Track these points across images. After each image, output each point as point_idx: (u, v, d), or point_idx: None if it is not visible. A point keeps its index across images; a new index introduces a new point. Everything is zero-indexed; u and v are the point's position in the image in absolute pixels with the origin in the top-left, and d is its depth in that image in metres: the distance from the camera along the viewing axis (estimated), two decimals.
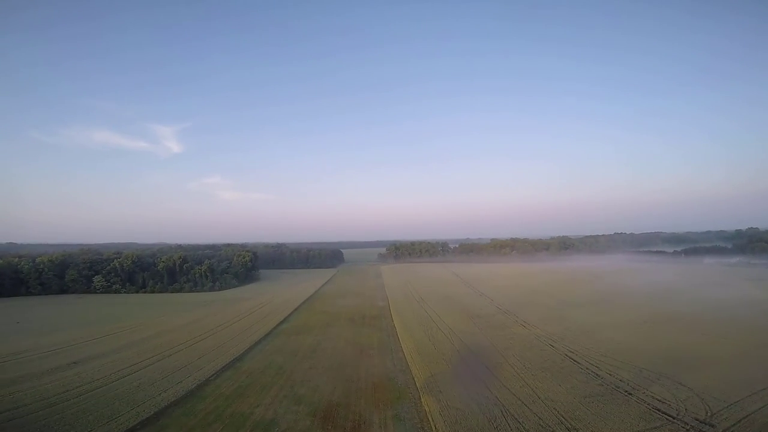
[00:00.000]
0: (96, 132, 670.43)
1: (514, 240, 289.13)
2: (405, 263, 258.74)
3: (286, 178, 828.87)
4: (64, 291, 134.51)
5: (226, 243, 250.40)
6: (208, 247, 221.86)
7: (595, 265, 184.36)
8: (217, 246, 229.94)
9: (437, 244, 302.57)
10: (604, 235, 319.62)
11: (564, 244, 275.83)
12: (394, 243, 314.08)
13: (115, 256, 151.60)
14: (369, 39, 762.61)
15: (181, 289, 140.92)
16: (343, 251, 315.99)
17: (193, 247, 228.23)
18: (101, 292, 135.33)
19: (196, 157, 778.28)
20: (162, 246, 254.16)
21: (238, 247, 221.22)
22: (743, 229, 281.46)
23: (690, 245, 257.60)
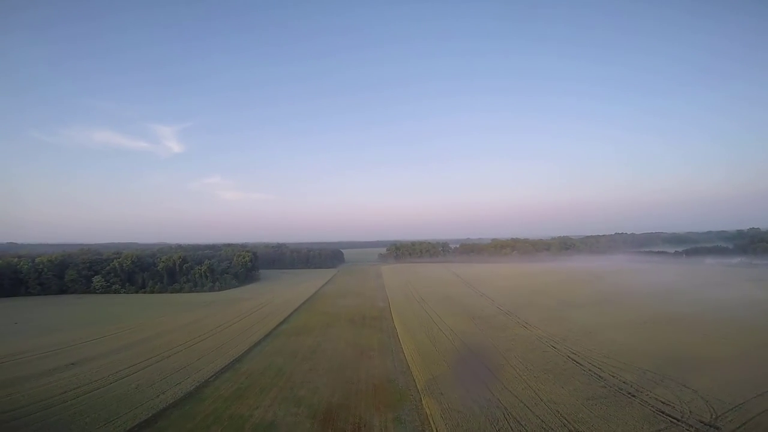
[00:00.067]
0: (96, 132, 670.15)
1: (514, 240, 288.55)
2: (405, 263, 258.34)
3: (286, 178, 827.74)
4: (63, 291, 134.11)
5: (226, 243, 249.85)
6: (208, 247, 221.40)
7: (596, 266, 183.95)
8: (217, 246, 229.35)
9: (438, 244, 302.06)
10: (605, 236, 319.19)
11: (565, 245, 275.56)
12: (394, 243, 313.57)
13: (114, 256, 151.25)
14: (369, 39, 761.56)
15: (180, 290, 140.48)
16: (343, 251, 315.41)
17: (193, 247, 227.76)
18: (101, 293, 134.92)
19: (197, 157, 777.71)
20: (162, 246, 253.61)
21: (238, 247, 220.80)
22: (744, 230, 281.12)
23: (691, 245, 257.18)
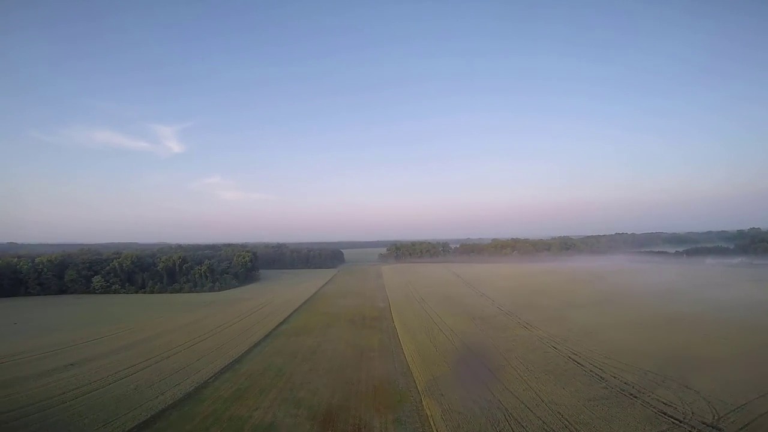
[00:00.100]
0: (96, 132, 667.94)
1: (515, 240, 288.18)
2: (406, 263, 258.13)
3: (286, 178, 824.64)
4: (63, 291, 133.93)
5: (226, 243, 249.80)
6: (208, 247, 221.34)
7: (597, 266, 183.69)
8: (217, 246, 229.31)
9: (438, 244, 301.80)
10: (605, 236, 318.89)
11: (565, 245, 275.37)
12: (394, 243, 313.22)
13: (114, 256, 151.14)
14: (369, 39, 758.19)
15: (180, 290, 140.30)
16: (343, 251, 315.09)
17: (193, 247, 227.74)
18: (100, 293, 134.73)
19: (197, 157, 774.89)
20: (162, 246, 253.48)
21: (238, 247, 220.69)
22: (745, 230, 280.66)
23: (691, 245, 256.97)
